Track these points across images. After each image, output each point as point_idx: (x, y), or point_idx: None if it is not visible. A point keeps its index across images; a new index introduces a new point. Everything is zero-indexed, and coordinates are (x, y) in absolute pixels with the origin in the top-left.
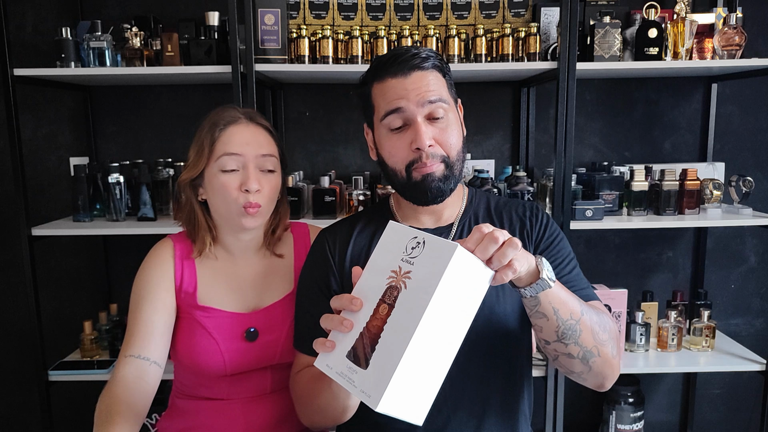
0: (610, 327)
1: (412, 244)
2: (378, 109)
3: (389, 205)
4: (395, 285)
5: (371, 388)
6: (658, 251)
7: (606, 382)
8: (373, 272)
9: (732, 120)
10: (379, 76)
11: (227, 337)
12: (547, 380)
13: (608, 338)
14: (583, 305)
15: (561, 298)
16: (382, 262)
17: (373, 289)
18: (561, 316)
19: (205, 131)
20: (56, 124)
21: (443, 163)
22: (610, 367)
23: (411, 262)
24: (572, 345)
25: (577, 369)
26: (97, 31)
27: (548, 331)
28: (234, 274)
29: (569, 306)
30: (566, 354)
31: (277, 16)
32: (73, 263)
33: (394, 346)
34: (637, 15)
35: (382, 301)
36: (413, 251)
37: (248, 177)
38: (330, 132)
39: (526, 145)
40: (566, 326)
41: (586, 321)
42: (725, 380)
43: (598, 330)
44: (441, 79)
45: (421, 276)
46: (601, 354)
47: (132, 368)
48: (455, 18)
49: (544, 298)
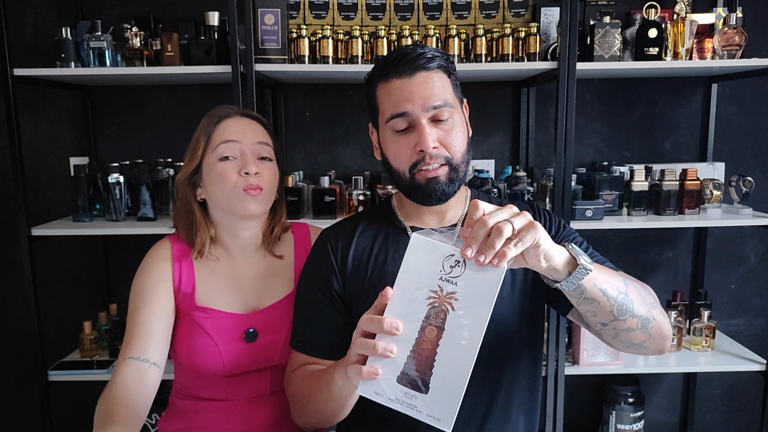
0: (648, 289)
1: (450, 263)
2: (383, 110)
3: (391, 206)
4: (440, 307)
5: (439, 411)
6: (658, 251)
7: (666, 343)
8: (407, 293)
9: (732, 120)
10: (385, 75)
11: (226, 337)
12: (547, 380)
13: (654, 300)
14: (623, 275)
15: (603, 278)
16: (416, 281)
17: (412, 312)
18: (611, 294)
19: (200, 128)
20: (56, 124)
21: (447, 165)
22: (666, 327)
23: (453, 281)
24: (630, 318)
25: (638, 339)
26: (97, 31)
27: (603, 313)
28: (233, 275)
29: (614, 281)
30: (626, 330)
31: (277, 16)
32: (73, 263)
33: (454, 367)
34: (637, 15)
35: (428, 324)
36: (453, 270)
37: (247, 161)
38: (330, 132)
39: (526, 145)
40: (618, 302)
41: (632, 290)
42: (725, 380)
43: (644, 294)
44: (446, 80)
45: (469, 296)
46: (655, 317)
47: (132, 370)
48: (455, 18)
49: (588, 284)
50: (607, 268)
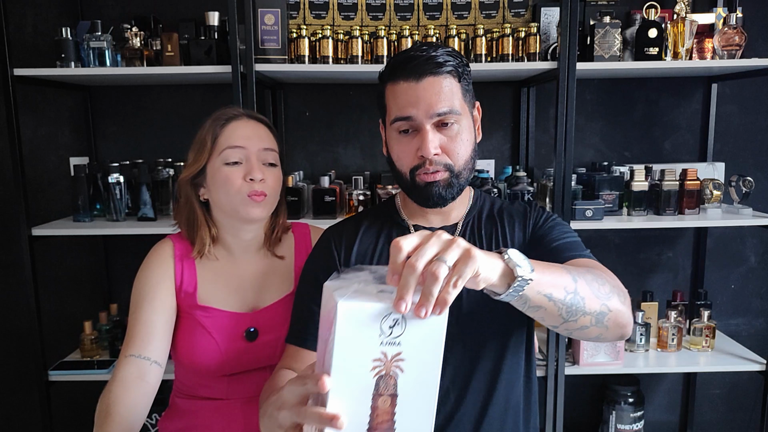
0: (607, 276)
1: (388, 323)
2: (389, 110)
3: (395, 204)
4: (388, 374)
5: None
6: (658, 251)
7: (625, 330)
8: (347, 373)
9: (732, 120)
10: (393, 76)
11: (227, 336)
12: (547, 380)
13: (610, 289)
14: (572, 271)
15: (549, 281)
16: (355, 356)
17: (359, 391)
18: (558, 298)
19: (206, 129)
20: (56, 124)
21: (448, 171)
22: (624, 315)
23: (396, 342)
24: (581, 317)
25: (594, 334)
26: (97, 31)
27: (551, 318)
28: (234, 274)
29: (561, 282)
30: (578, 328)
31: (277, 16)
32: (73, 263)
33: (416, 426)
34: (637, 15)
35: (379, 395)
36: (393, 330)
37: (252, 167)
38: (330, 132)
39: (526, 145)
40: (567, 304)
41: (583, 286)
42: (725, 380)
43: (597, 287)
44: (456, 85)
45: (417, 353)
46: (612, 308)
47: (133, 368)
48: (455, 18)
49: (530, 293)
50: (555, 268)
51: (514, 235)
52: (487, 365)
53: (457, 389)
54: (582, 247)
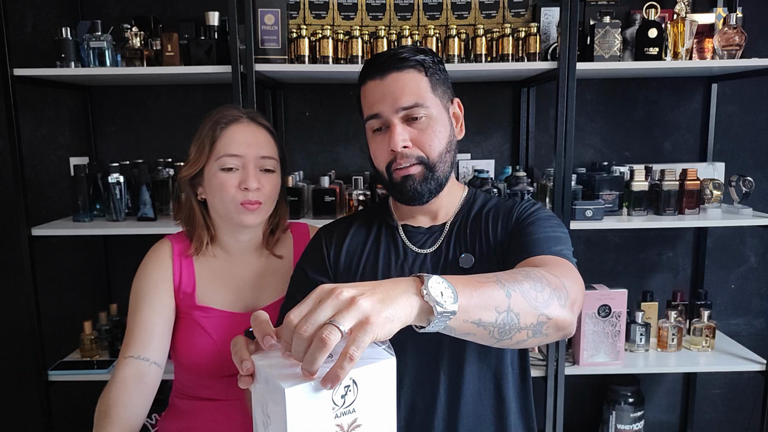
0: (549, 278)
1: (340, 393)
2: (363, 111)
3: (388, 205)
4: None
5: None
6: (658, 251)
7: (567, 330)
8: None
9: (732, 120)
10: (362, 78)
11: (226, 337)
12: (547, 380)
13: (550, 293)
14: (507, 283)
15: (478, 304)
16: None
17: None
18: (488, 321)
19: (206, 129)
20: (56, 124)
21: (422, 164)
22: (564, 319)
23: (352, 409)
24: (516, 334)
25: (533, 344)
26: (97, 31)
27: (483, 340)
28: (232, 274)
29: (492, 302)
30: (515, 343)
31: (277, 16)
32: (73, 263)
33: None
34: (637, 15)
35: None
36: (345, 399)
37: (248, 175)
38: (330, 132)
39: (526, 145)
40: (500, 325)
41: (517, 300)
42: (725, 380)
43: (535, 295)
44: (422, 79)
45: (372, 411)
46: (550, 316)
47: (132, 369)
48: (455, 18)
49: (455, 323)
50: (487, 285)
51: (497, 234)
52: (451, 368)
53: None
54: (557, 242)
